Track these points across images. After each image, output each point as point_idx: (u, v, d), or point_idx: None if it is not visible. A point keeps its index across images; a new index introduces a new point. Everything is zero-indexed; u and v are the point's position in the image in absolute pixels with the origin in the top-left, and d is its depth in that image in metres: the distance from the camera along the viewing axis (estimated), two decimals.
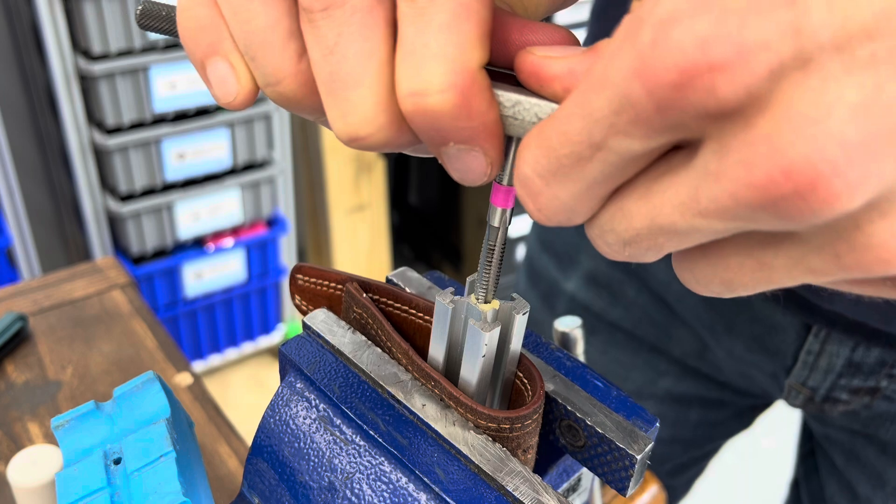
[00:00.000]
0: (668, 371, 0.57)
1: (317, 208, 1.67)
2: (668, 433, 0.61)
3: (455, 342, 0.26)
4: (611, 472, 0.26)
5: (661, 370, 0.58)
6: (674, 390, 0.58)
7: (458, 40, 0.18)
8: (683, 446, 0.63)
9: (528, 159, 0.18)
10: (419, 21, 0.18)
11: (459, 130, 0.19)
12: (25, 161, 1.35)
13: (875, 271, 0.15)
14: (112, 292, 0.62)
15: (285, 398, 0.28)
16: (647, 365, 0.58)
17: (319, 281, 0.30)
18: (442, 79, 0.18)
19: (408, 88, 0.18)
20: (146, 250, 1.39)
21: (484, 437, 0.25)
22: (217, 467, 0.47)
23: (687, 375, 0.57)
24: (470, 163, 0.19)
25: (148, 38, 1.24)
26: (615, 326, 0.57)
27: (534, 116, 0.19)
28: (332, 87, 0.19)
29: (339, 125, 0.19)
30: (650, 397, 0.59)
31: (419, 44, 0.18)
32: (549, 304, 0.61)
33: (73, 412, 0.31)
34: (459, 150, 0.19)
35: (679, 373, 0.57)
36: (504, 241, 0.24)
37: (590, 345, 0.59)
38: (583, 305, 0.58)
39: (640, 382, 0.59)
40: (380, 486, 0.25)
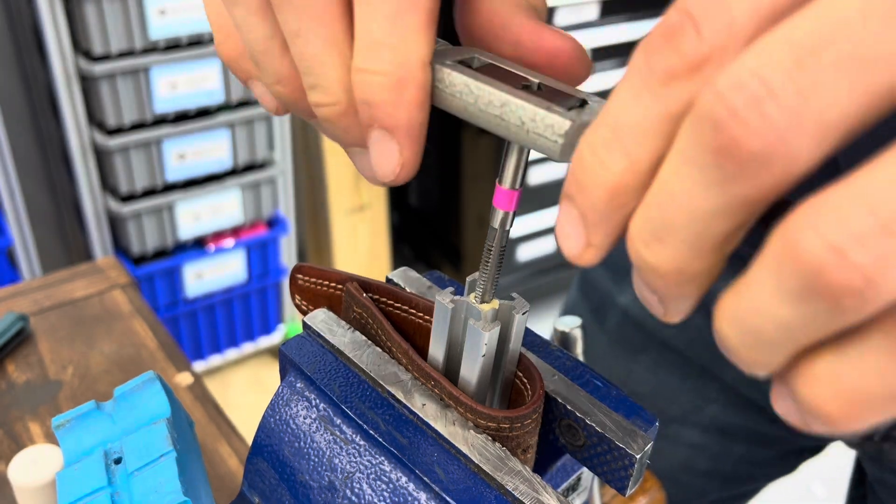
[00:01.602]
0: (718, 398, 0.55)
1: (317, 209, 1.67)
2: (708, 465, 0.58)
3: (455, 342, 0.26)
4: (610, 471, 0.26)
5: (709, 396, 0.55)
6: (720, 419, 0.55)
7: (400, 31, 0.19)
8: (722, 482, 0.59)
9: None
10: (368, 8, 0.20)
11: (386, 115, 0.20)
12: (26, 161, 1.35)
13: None
14: (113, 292, 0.62)
15: (285, 398, 0.28)
16: (696, 389, 0.55)
17: (319, 281, 0.30)
18: (382, 64, 0.20)
19: (356, 64, 0.20)
20: (147, 250, 1.39)
21: (484, 436, 0.25)
22: (217, 467, 0.47)
23: (737, 404, 0.54)
24: (384, 154, 0.21)
25: (149, 39, 1.24)
26: (666, 345, 0.55)
27: (518, 119, 0.19)
28: (302, 67, 0.21)
29: (312, 97, 0.21)
30: (695, 425, 0.56)
31: (367, 29, 0.20)
32: (599, 316, 0.58)
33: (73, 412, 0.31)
34: (379, 139, 0.21)
35: (728, 401, 0.55)
36: (504, 243, 0.24)
37: (638, 363, 0.57)
38: (635, 321, 0.56)
39: (687, 407, 0.56)
40: (380, 486, 0.25)
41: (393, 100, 0.20)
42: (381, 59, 0.20)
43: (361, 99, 0.20)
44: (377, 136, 0.21)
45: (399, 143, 0.21)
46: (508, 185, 0.22)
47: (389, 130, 0.20)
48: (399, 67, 0.19)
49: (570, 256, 0.19)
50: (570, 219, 0.18)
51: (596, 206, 0.17)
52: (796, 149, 0.13)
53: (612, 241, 0.18)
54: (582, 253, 0.18)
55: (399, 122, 0.20)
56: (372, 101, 0.20)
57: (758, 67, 0.13)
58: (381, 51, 0.19)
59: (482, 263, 0.24)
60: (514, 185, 0.22)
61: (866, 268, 0.13)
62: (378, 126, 0.20)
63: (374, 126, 0.21)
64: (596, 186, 0.17)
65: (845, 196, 0.13)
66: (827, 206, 0.13)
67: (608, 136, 0.17)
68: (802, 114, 0.13)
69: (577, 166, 0.17)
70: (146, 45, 1.24)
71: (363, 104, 0.20)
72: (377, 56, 0.20)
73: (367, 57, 0.20)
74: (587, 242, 0.18)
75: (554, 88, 0.20)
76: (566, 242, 0.18)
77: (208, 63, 1.30)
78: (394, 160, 0.21)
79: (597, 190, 0.17)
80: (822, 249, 0.13)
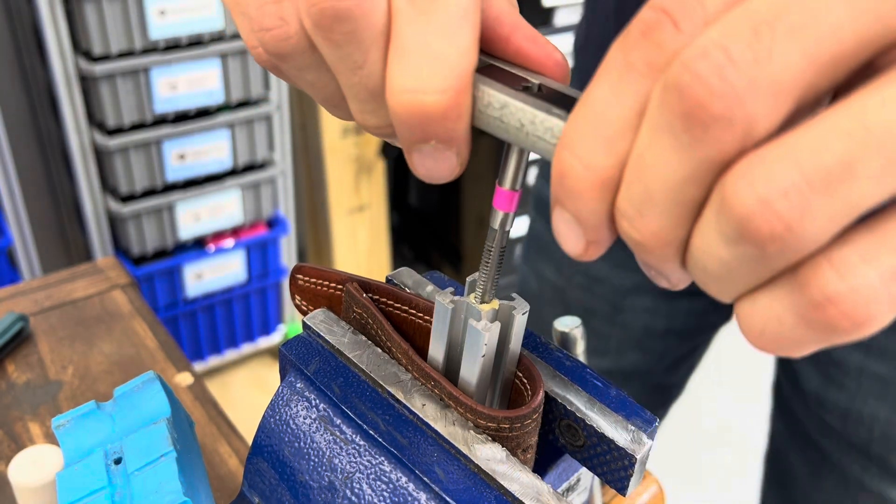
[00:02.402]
0: None
1: (317, 209, 1.67)
2: (663, 325, 0.64)
3: (455, 342, 0.26)
4: (610, 471, 0.26)
5: None
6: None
7: (458, 43, 0.18)
8: (678, 338, 0.65)
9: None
10: (419, 21, 0.18)
11: (445, 130, 0.19)
12: (26, 162, 1.35)
13: None
14: (113, 292, 0.62)
15: (285, 398, 0.28)
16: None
17: (319, 281, 0.30)
18: (440, 80, 0.18)
19: (402, 85, 0.19)
20: (147, 251, 1.39)
21: (484, 436, 0.25)
22: (217, 467, 0.47)
23: None
24: (442, 161, 0.20)
25: (149, 39, 1.24)
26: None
27: (517, 122, 0.19)
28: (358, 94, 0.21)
29: (365, 118, 0.21)
30: (647, 292, 0.61)
31: (419, 43, 0.19)
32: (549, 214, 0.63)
33: (73, 412, 0.31)
34: (435, 149, 0.20)
35: None
36: (503, 244, 0.24)
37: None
38: None
39: (638, 278, 0.61)
40: (380, 486, 0.25)
41: (452, 115, 0.19)
42: (437, 74, 0.19)
43: (410, 122, 0.19)
44: (429, 149, 0.20)
45: (457, 149, 0.20)
46: (508, 186, 0.22)
47: (444, 143, 0.20)
48: (458, 81, 0.19)
49: (574, 256, 0.19)
50: (564, 223, 0.18)
51: (588, 206, 0.17)
52: (755, 110, 0.14)
53: (613, 233, 0.18)
54: (585, 250, 0.19)
55: (457, 134, 0.20)
56: (426, 123, 0.19)
57: (719, 38, 0.14)
58: (438, 65, 0.19)
59: (482, 264, 0.24)
60: (514, 186, 0.22)
61: (787, 218, 0.14)
62: (428, 142, 0.20)
63: (421, 143, 0.20)
64: (584, 189, 0.17)
65: (776, 153, 0.14)
66: (761, 161, 0.14)
67: (589, 135, 0.17)
68: (759, 78, 0.14)
69: (559, 171, 0.18)
70: (146, 45, 1.24)
71: (411, 126, 0.19)
72: (432, 71, 0.19)
73: (420, 73, 0.19)
74: (587, 241, 0.18)
75: (554, 90, 0.20)
76: (567, 245, 0.19)
77: (208, 63, 1.30)
78: (452, 165, 0.21)
79: (585, 192, 0.17)
80: (752, 200, 0.14)
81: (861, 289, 0.14)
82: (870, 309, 0.14)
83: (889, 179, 0.14)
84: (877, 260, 0.14)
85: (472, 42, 0.19)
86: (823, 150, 0.14)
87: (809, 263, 0.15)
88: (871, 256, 0.14)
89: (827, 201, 0.14)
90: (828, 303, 0.14)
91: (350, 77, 0.20)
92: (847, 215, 0.14)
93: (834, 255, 0.15)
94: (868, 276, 0.14)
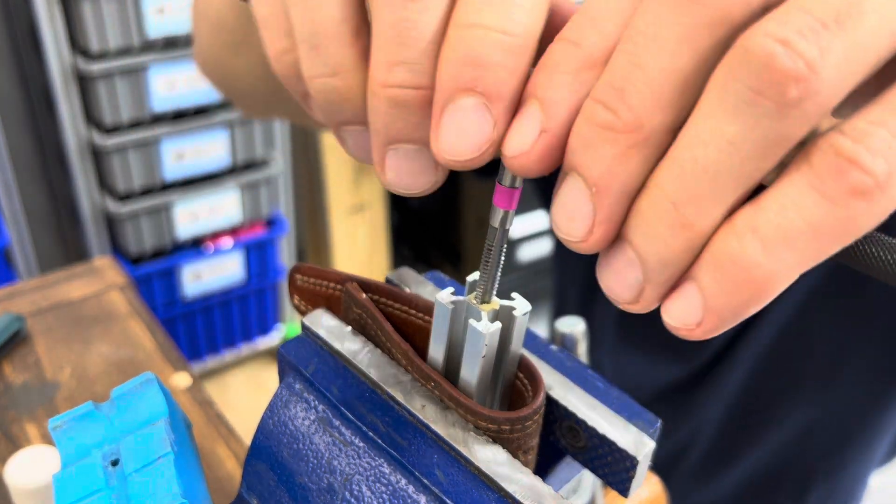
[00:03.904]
0: None
1: (316, 209, 1.67)
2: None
3: (455, 342, 0.26)
4: (612, 473, 0.26)
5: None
6: None
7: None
8: None
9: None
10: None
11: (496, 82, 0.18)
12: (23, 161, 1.35)
13: None
14: (110, 293, 0.62)
15: (284, 399, 0.28)
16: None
17: (318, 281, 0.30)
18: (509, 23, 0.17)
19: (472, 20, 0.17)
20: (144, 250, 1.39)
21: (484, 438, 0.25)
22: (216, 469, 0.47)
23: None
24: (478, 124, 0.18)
25: (146, 37, 1.24)
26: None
27: None
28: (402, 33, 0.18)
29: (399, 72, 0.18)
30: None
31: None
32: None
33: (70, 413, 0.31)
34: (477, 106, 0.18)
35: None
36: (503, 243, 0.23)
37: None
38: None
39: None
40: (379, 488, 0.25)
41: (511, 65, 0.17)
42: (510, 18, 0.17)
43: (467, 57, 0.17)
44: (468, 104, 0.17)
45: (495, 117, 0.18)
46: (508, 182, 0.22)
47: (490, 99, 0.17)
48: (527, 31, 0.17)
49: (574, 239, 0.18)
50: (575, 191, 0.17)
51: (612, 166, 0.16)
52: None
53: (624, 210, 0.17)
54: (590, 231, 0.17)
55: (508, 91, 0.17)
56: (484, 61, 0.17)
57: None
58: (512, 8, 0.17)
59: (482, 263, 0.24)
60: (513, 183, 0.22)
61: (808, 55, 0.14)
62: (474, 93, 0.17)
63: (465, 93, 0.17)
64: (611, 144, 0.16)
65: (784, 7, 0.15)
66: (770, 16, 0.15)
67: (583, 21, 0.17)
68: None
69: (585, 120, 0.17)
70: (144, 43, 1.24)
71: (465, 65, 0.17)
72: (506, 13, 0.17)
73: (492, 12, 0.17)
74: (594, 221, 0.17)
75: None
76: (571, 225, 0.17)
77: None
78: (485, 133, 0.18)
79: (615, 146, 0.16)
80: (772, 42, 0.14)
81: (877, 145, 0.14)
82: (889, 163, 0.14)
83: (887, 18, 0.14)
84: (885, 123, 0.15)
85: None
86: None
87: (822, 138, 0.15)
88: (879, 120, 0.15)
89: (840, 38, 0.14)
90: (848, 164, 0.14)
91: (399, 9, 0.18)
92: (862, 56, 0.14)
93: (844, 126, 0.15)
94: (880, 134, 0.14)
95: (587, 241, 0.18)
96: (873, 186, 0.14)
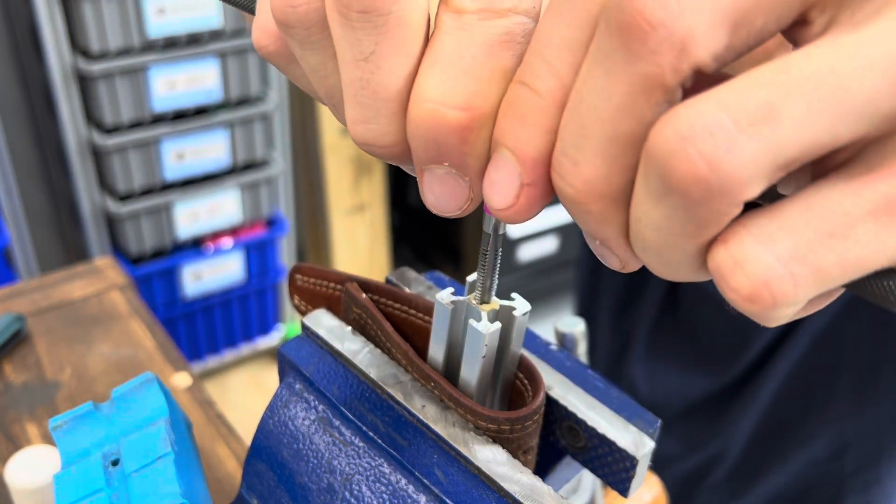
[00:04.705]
0: None
1: (316, 209, 1.67)
2: None
3: (455, 343, 0.26)
4: (612, 473, 0.26)
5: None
6: None
7: (494, 66, 0.18)
8: None
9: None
10: (461, 34, 0.18)
11: (460, 153, 0.18)
12: (23, 161, 1.35)
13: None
14: (110, 293, 0.62)
15: (284, 399, 0.28)
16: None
17: (318, 281, 0.30)
18: (465, 96, 0.18)
19: (426, 94, 0.18)
20: (145, 251, 1.39)
21: (484, 438, 0.25)
22: (216, 469, 0.47)
23: None
24: (453, 190, 0.19)
25: (147, 38, 1.24)
26: None
27: None
28: (358, 92, 0.19)
29: (359, 130, 0.19)
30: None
31: (454, 56, 0.18)
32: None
33: (71, 413, 0.31)
34: (448, 174, 0.19)
35: None
36: (498, 246, 0.24)
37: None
38: None
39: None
40: (379, 488, 0.25)
41: (469, 137, 0.18)
42: (463, 89, 0.17)
43: (427, 135, 0.18)
44: (442, 173, 0.19)
45: (470, 185, 0.19)
46: None
47: (457, 170, 0.18)
48: (483, 103, 0.18)
49: (500, 207, 0.18)
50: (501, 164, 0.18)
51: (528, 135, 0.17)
52: (693, 22, 0.14)
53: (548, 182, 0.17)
54: (517, 197, 0.18)
55: (473, 162, 0.18)
56: (443, 141, 0.18)
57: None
58: (468, 80, 0.18)
59: (479, 266, 0.24)
60: None
61: (711, 156, 0.14)
62: (441, 165, 0.18)
63: (435, 163, 0.19)
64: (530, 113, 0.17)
65: (702, 97, 0.14)
66: (685, 105, 0.14)
67: (537, 59, 0.17)
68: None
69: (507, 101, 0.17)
70: (144, 43, 1.24)
71: (427, 142, 0.18)
72: (460, 85, 0.18)
73: (447, 85, 0.18)
74: (521, 183, 0.17)
75: None
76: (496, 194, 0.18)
77: (207, 62, 1.30)
78: (462, 197, 0.19)
79: (531, 116, 0.17)
80: (674, 138, 0.14)
81: (767, 257, 0.14)
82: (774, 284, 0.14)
83: (810, 125, 0.14)
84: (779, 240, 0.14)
85: (509, 69, 0.18)
86: (749, 93, 0.14)
87: (730, 228, 0.15)
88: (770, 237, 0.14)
89: (752, 142, 0.14)
90: (737, 267, 0.14)
91: (352, 69, 0.18)
92: (772, 161, 0.14)
93: (750, 223, 0.15)
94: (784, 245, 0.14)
95: (515, 206, 0.18)
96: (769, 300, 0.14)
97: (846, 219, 0.14)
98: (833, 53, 0.14)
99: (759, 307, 0.14)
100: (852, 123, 0.14)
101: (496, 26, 0.18)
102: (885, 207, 0.14)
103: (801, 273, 0.14)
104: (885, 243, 0.14)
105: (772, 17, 0.15)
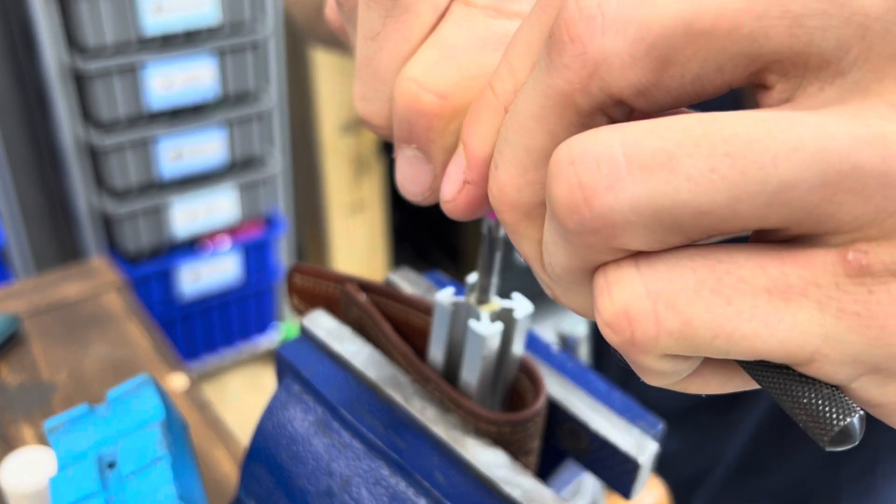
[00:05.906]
0: None
1: (315, 208, 1.66)
2: None
3: (455, 343, 0.26)
4: (614, 475, 0.26)
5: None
6: None
7: (481, 61, 0.18)
8: None
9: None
10: (463, 25, 0.18)
11: (427, 138, 0.18)
12: (19, 159, 1.34)
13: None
14: (107, 294, 0.61)
15: (282, 401, 0.28)
16: None
17: (317, 281, 0.30)
18: (444, 85, 0.18)
19: (411, 72, 0.18)
20: (141, 250, 1.38)
21: (485, 440, 0.24)
22: (213, 471, 0.47)
23: None
24: (417, 174, 0.19)
25: (143, 35, 1.23)
26: None
27: None
28: (363, 69, 0.19)
29: (360, 105, 0.20)
30: None
31: (449, 44, 0.18)
32: None
33: (66, 415, 0.30)
34: (415, 157, 0.19)
35: None
36: (495, 248, 0.23)
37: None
38: None
39: None
40: (378, 491, 0.25)
41: (437, 124, 0.18)
42: (446, 79, 0.18)
43: (402, 112, 0.18)
44: (411, 154, 0.19)
45: (434, 168, 0.19)
46: None
47: (425, 153, 0.19)
48: (460, 92, 0.18)
49: (445, 200, 0.18)
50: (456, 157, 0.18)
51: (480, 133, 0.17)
52: (611, 43, 0.13)
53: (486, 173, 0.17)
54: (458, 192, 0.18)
55: (438, 150, 0.18)
56: (414, 123, 0.18)
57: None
58: (451, 68, 0.18)
59: (479, 267, 0.24)
60: None
61: (590, 187, 0.13)
62: (411, 146, 0.19)
63: (406, 143, 0.19)
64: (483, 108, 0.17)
65: (606, 128, 0.14)
66: (591, 132, 0.14)
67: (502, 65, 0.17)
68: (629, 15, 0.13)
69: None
70: (140, 40, 1.23)
71: (401, 120, 0.18)
72: (444, 72, 0.18)
73: (432, 68, 0.18)
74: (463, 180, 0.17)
75: None
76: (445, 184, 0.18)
77: (203, 59, 1.30)
78: (425, 182, 0.19)
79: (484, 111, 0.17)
80: (564, 161, 0.14)
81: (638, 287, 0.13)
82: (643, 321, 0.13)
83: (707, 191, 0.12)
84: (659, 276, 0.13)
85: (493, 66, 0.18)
86: (654, 135, 0.13)
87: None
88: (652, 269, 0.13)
89: (636, 186, 0.13)
90: (606, 288, 0.14)
91: (362, 47, 0.19)
92: (653, 214, 0.13)
93: (643, 253, 0.14)
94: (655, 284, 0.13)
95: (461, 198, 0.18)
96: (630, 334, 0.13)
97: (738, 284, 0.13)
98: (762, 124, 0.12)
99: (619, 339, 0.14)
100: (759, 207, 0.12)
101: (497, 26, 0.18)
102: (783, 290, 0.13)
103: (667, 318, 0.13)
104: (769, 327, 0.13)
105: (710, 64, 0.13)
